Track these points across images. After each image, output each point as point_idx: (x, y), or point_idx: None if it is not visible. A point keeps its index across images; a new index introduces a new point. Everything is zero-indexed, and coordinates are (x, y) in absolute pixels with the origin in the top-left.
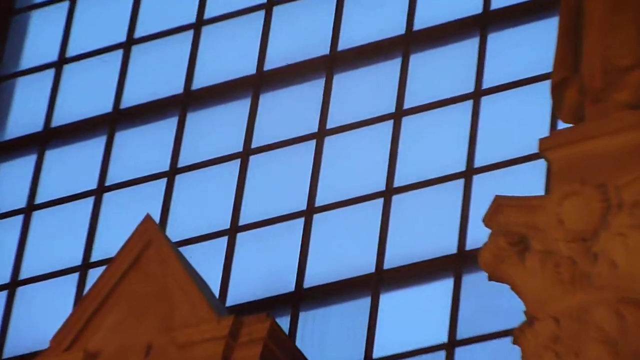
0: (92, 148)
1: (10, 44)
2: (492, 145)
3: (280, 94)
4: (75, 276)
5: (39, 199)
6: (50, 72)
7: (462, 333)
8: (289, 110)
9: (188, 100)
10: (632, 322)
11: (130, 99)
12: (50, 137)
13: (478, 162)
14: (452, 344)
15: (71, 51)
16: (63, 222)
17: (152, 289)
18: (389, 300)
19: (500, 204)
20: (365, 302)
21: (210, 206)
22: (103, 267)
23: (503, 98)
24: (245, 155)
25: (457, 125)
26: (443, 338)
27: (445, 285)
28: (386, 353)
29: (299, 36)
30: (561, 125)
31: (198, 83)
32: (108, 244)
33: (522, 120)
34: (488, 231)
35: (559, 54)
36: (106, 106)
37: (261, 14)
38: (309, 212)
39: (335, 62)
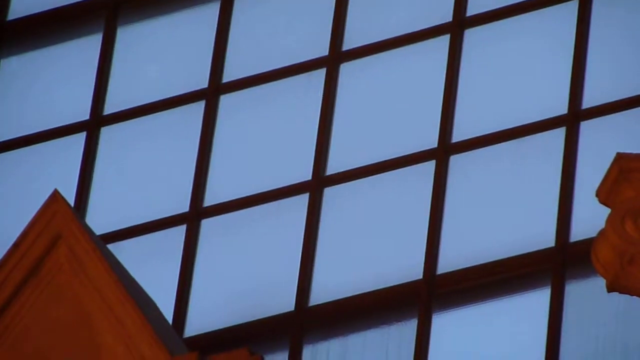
0: None
1: None
2: (600, 80)
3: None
4: None
5: None
6: None
7: None
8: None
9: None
10: None
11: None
12: None
13: (587, 102)
14: None
15: None
16: None
17: (63, 315)
18: (446, 323)
19: (625, 166)
20: (408, 326)
21: (159, 176)
22: None
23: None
24: (213, 93)
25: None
26: None
27: (537, 299)
28: None
29: None
30: None
31: None
32: None
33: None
34: (606, 211)
35: None
36: None
37: None
38: (317, 184)
39: None
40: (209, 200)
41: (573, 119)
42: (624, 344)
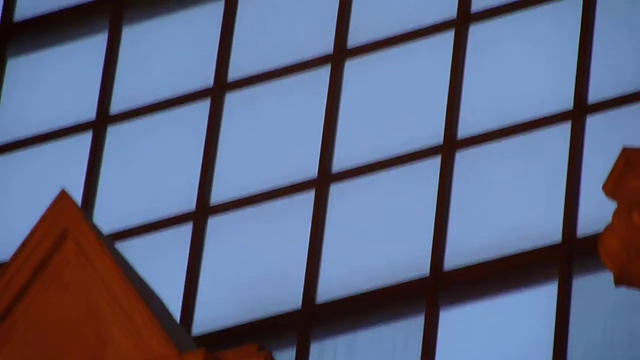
0: None
1: None
2: (606, 74)
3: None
4: None
5: None
6: None
7: None
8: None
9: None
10: None
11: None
12: None
13: (593, 97)
14: None
15: None
16: None
17: (71, 311)
18: (453, 318)
19: (631, 160)
20: (415, 322)
21: (165, 174)
22: None
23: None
24: (218, 91)
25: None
26: None
27: (545, 293)
28: None
29: None
30: None
31: None
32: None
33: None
34: (613, 205)
35: None
36: None
37: None
38: (323, 180)
39: None
40: (216, 197)
41: (579, 113)
42: (631, 337)
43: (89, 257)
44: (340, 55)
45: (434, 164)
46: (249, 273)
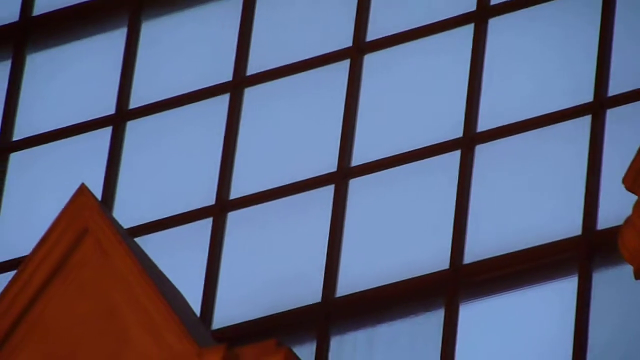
0: None
1: None
2: (626, 68)
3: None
4: None
5: None
6: None
7: None
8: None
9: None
10: None
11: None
12: None
13: (613, 90)
14: None
15: None
16: None
17: (90, 308)
18: (473, 312)
19: None
20: (435, 316)
21: (185, 169)
22: (10, 274)
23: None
24: (237, 86)
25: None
26: None
27: (565, 287)
28: None
29: None
30: None
31: None
32: (14, 238)
33: None
34: (633, 199)
35: None
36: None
37: None
38: (342, 175)
39: None
40: (235, 193)
41: (599, 106)
42: None
43: (109, 254)
44: (359, 49)
45: (454, 158)
46: (268, 268)
